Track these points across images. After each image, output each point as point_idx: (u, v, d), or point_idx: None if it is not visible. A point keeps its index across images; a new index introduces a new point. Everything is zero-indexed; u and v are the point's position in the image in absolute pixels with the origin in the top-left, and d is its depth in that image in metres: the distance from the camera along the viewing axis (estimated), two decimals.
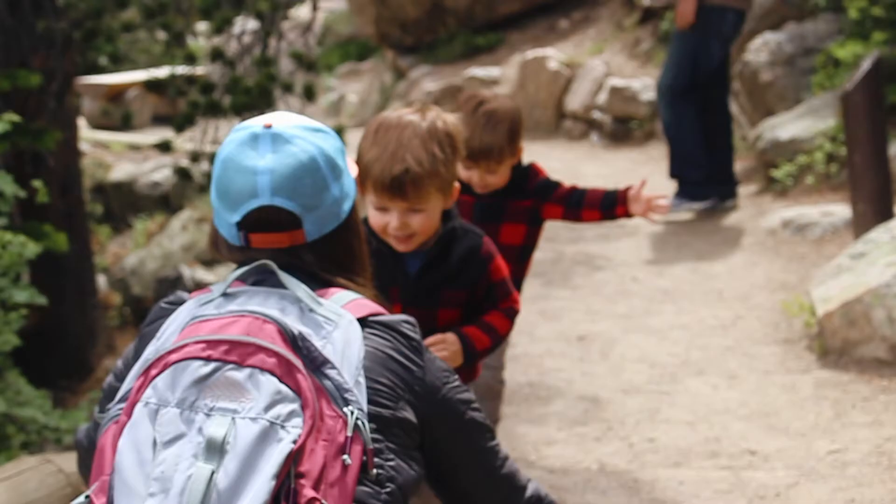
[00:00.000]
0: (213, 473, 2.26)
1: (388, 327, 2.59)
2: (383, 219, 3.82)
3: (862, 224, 7.73)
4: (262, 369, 2.36)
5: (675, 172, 9.97)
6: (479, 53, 16.21)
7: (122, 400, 2.50)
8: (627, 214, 5.01)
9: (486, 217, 4.87)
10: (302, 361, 2.39)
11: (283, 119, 2.66)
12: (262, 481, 2.25)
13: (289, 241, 2.63)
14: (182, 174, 10.34)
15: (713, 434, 5.77)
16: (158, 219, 13.59)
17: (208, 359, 2.38)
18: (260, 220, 2.61)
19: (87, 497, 2.40)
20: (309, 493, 2.28)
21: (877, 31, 9.60)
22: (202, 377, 2.36)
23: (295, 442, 2.29)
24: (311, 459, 2.31)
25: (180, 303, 2.63)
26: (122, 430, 2.38)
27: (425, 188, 3.76)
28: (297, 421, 2.32)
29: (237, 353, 2.38)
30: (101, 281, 12.11)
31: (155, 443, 2.33)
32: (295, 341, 2.41)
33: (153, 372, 2.41)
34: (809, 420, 5.83)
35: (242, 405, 2.32)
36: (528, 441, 5.92)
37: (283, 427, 2.30)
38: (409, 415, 2.54)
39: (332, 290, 2.62)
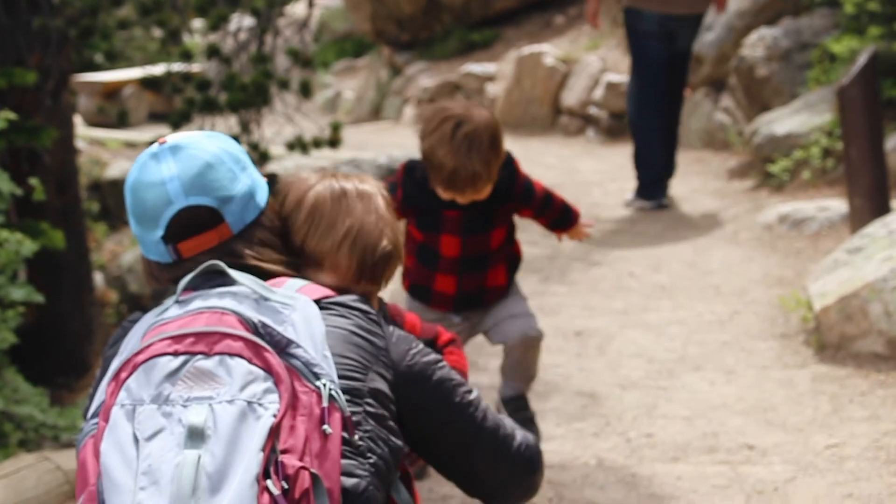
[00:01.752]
0: (199, 458, 2.29)
1: (344, 306, 2.64)
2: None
3: (858, 219, 7.73)
4: (231, 354, 2.40)
5: (635, 167, 10.15)
6: (474, 49, 16.23)
7: (94, 415, 2.51)
8: (560, 236, 5.31)
9: (476, 229, 4.93)
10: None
11: (177, 134, 2.73)
12: (250, 456, 2.29)
13: (217, 238, 2.66)
14: None
15: (711, 429, 5.77)
16: None
17: (175, 353, 2.41)
18: (182, 226, 2.65)
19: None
20: (296, 462, 2.32)
21: (873, 25, 9.60)
22: (173, 371, 2.39)
23: (275, 416, 2.34)
24: (294, 435, 2.36)
25: (138, 320, 2.64)
26: (102, 436, 2.39)
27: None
28: (273, 397, 2.36)
29: (203, 342, 2.42)
30: (98, 278, 12.10)
31: (136, 440, 2.35)
32: (256, 329, 2.45)
33: (123, 375, 2.43)
34: (807, 415, 5.83)
35: (217, 391, 2.36)
36: None
37: (260, 404, 2.35)
38: (380, 385, 2.58)
39: (282, 279, 2.66)
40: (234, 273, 2.57)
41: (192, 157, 2.66)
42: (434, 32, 16.84)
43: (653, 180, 10.03)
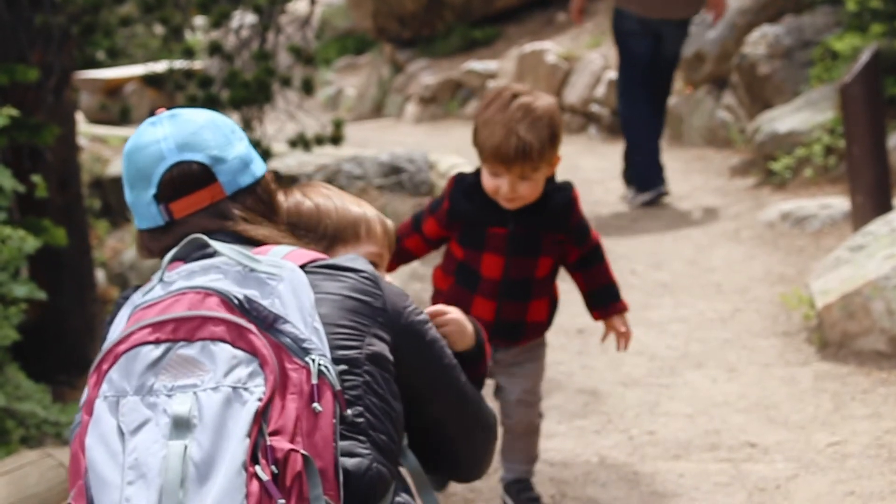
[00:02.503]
0: (185, 449, 2.27)
1: (335, 268, 2.59)
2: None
3: (860, 216, 7.74)
4: (213, 339, 2.37)
5: (627, 161, 10.35)
6: (476, 47, 16.22)
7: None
8: (596, 318, 4.87)
9: (521, 250, 4.58)
10: (254, 324, 2.40)
11: (187, 109, 2.77)
12: (236, 443, 2.26)
13: (210, 198, 2.65)
14: None
15: (713, 427, 5.77)
16: None
17: (157, 341, 2.38)
18: (174, 183, 2.64)
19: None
20: (286, 445, 2.29)
21: (875, 23, 9.60)
22: (155, 360, 2.37)
23: (260, 400, 2.30)
24: (284, 415, 2.32)
25: (130, 297, 2.62)
26: (86, 430, 2.38)
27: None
28: (259, 380, 2.33)
29: (184, 329, 2.39)
30: (100, 275, 12.11)
31: (122, 433, 2.33)
32: (242, 306, 2.42)
33: (104, 366, 2.41)
34: (809, 412, 5.84)
35: (201, 378, 2.33)
36: None
37: (245, 389, 2.32)
38: (379, 347, 2.54)
39: (268, 246, 2.62)
40: (217, 245, 2.53)
41: (187, 121, 2.68)
42: (436, 30, 16.84)
43: (649, 168, 10.14)
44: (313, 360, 2.38)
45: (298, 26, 11.12)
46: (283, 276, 2.48)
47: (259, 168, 2.74)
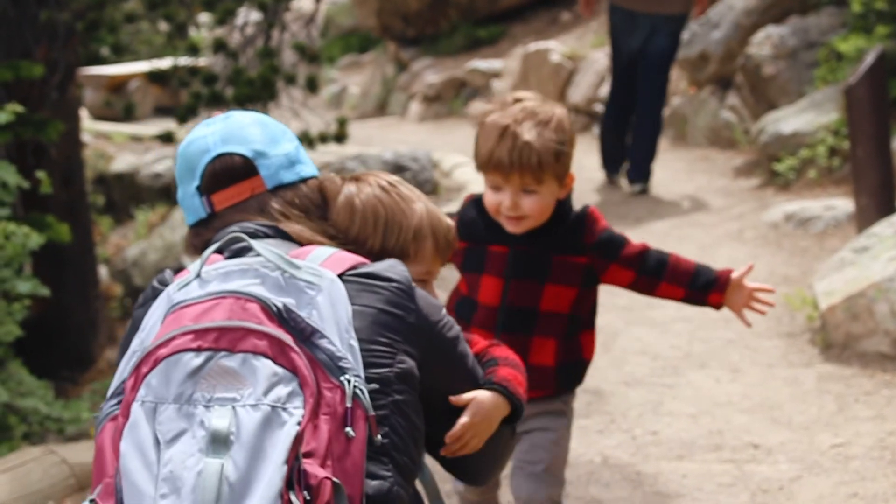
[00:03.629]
0: (222, 467, 2.24)
1: (372, 277, 2.54)
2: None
3: (865, 218, 7.73)
4: (255, 353, 2.33)
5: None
6: (481, 46, 16.23)
7: (114, 395, 2.47)
8: (720, 305, 4.08)
9: (523, 272, 3.93)
10: (292, 336, 2.36)
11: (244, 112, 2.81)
12: (273, 469, 2.23)
13: (249, 191, 2.67)
14: None
15: (716, 427, 5.77)
16: (160, 210, 13.59)
17: (199, 349, 2.35)
18: (216, 174, 2.67)
19: (91, 501, 2.38)
20: (319, 472, 2.26)
21: (880, 24, 9.59)
22: (195, 369, 2.33)
23: (299, 423, 2.27)
24: (317, 437, 2.30)
25: (166, 284, 2.58)
26: (122, 432, 2.35)
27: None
28: (298, 401, 2.30)
29: (227, 339, 2.35)
30: (103, 272, 12.12)
31: (157, 442, 2.30)
32: (281, 315, 2.38)
33: (144, 369, 2.37)
34: (812, 414, 5.83)
35: (241, 392, 2.30)
36: None
37: (284, 409, 2.28)
38: (409, 365, 2.51)
39: (308, 248, 2.58)
40: (257, 245, 2.49)
41: (235, 121, 2.75)
42: (440, 28, 16.85)
43: (608, 154, 10.81)
44: (348, 381, 2.35)
45: (303, 24, 11.15)
46: (322, 287, 2.44)
47: (308, 170, 2.76)
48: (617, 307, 7.59)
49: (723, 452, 5.50)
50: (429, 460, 2.77)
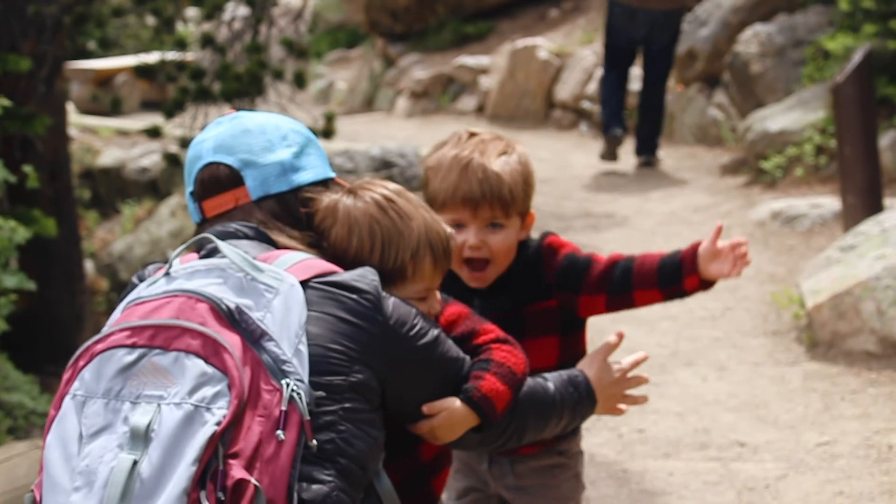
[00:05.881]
0: (135, 463, 2.25)
1: (338, 286, 2.53)
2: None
3: (851, 216, 7.74)
4: (188, 352, 2.35)
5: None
6: (468, 42, 16.22)
7: None
8: (701, 284, 3.50)
9: None
10: (241, 336, 2.38)
11: (255, 112, 2.79)
12: (183, 467, 2.25)
13: (234, 201, 2.67)
14: (172, 160, 10.33)
15: (702, 425, 5.78)
16: (146, 204, 13.57)
17: (133, 346, 2.37)
18: (205, 183, 2.69)
19: (31, 492, 2.41)
20: (238, 473, 2.27)
21: (867, 23, 9.60)
22: (127, 365, 2.35)
23: (219, 424, 2.28)
24: (246, 437, 2.30)
25: (143, 279, 2.61)
26: (50, 425, 2.38)
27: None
28: (223, 402, 2.30)
29: (162, 337, 2.37)
30: (89, 266, 12.09)
31: (81, 436, 2.32)
32: (231, 316, 2.40)
33: (81, 363, 2.40)
34: (798, 412, 5.84)
35: (168, 391, 2.31)
36: None
37: (208, 410, 2.29)
38: (366, 377, 2.49)
39: (278, 252, 2.58)
40: (223, 246, 2.51)
41: (237, 124, 2.74)
42: (428, 24, 16.83)
43: (609, 118, 11.24)
44: (287, 385, 2.36)
45: (291, 19, 11.12)
46: (280, 291, 2.46)
47: (305, 177, 2.73)
48: None
49: (709, 451, 5.50)
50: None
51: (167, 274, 2.53)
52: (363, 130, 14.34)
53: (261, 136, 2.71)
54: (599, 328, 7.16)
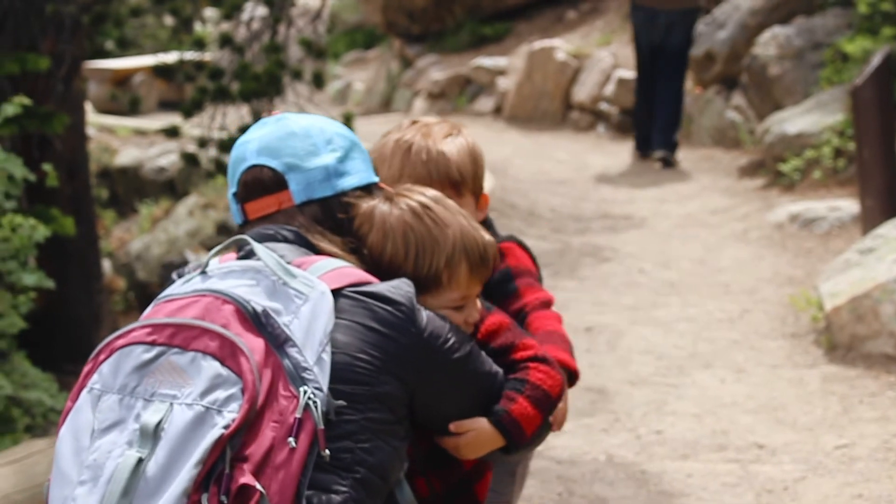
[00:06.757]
0: (141, 461, 2.26)
1: (371, 296, 2.52)
2: (459, 317, 2.77)
3: (870, 219, 7.73)
4: (205, 353, 2.35)
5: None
6: (486, 43, 16.22)
7: None
8: None
9: None
10: (265, 340, 2.37)
11: (299, 114, 2.77)
12: (187, 469, 2.25)
13: (276, 205, 2.65)
14: (190, 160, 10.34)
15: (721, 427, 5.77)
16: (164, 204, 13.59)
17: (153, 343, 2.38)
18: (248, 185, 2.67)
19: (48, 481, 2.41)
20: (244, 478, 2.26)
21: (886, 26, 9.59)
22: (145, 362, 2.36)
23: (227, 427, 2.27)
24: (258, 442, 2.30)
25: (182, 276, 2.62)
26: (66, 417, 2.39)
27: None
28: (234, 406, 2.30)
29: (182, 336, 2.37)
30: (106, 266, 12.11)
31: (94, 430, 2.33)
32: (258, 318, 2.39)
33: (101, 357, 2.42)
34: (817, 415, 5.83)
35: (182, 391, 2.32)
36: None
37: (218, 412, 2.29)
38: (392, 388, 2.48)
39: (315, 258, 2.57)
40: (259, 249, 2.51)
41: (282, 127, 2.72)
42: (446, 25, 16.83)
43: (639, 135, 11.86)
44: (304, 392, 2.35)
45: (309, 19, 11.12)
46: (309, 297, 2.45)
47: (349, 181, 2.71)
48: (622, 307, 7.60)
49: (727, 452, 5.49)
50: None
51: (203, 272, 2.54)
52: (380, 131, 14.21)
53: (306, 139, 2.69)
54: (617, 329, 7.19)
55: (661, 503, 5.12)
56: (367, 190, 2.75)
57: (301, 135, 2.69)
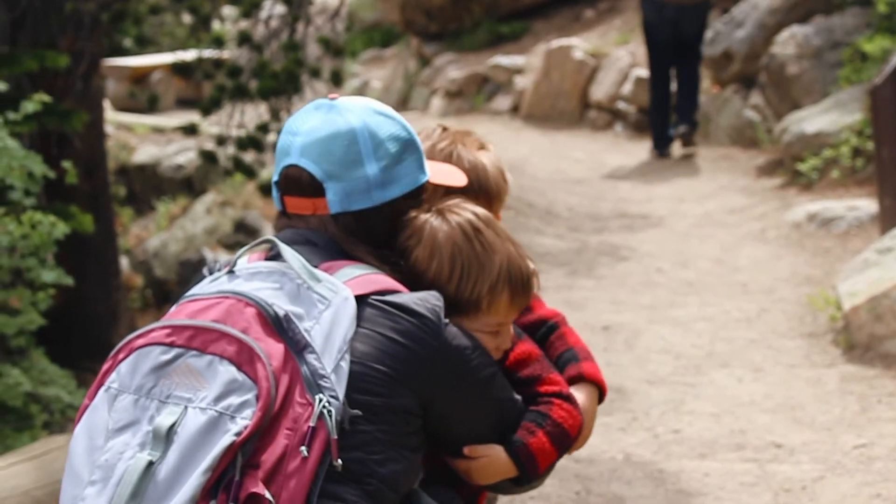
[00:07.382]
0: (151, 464, 2.25)
1: (396, 307, 2.48)
2: (493, 342, 2.73)
3: (889, 219, 7.71)
4: (223, 357, 2.33)
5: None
6: (503, 42, 16.21)
7: None
8: None
9: None
10: (285, 345, 2.35)
11: (355, 98, 2.67)
12: (196, 475, 2.23)
13: (312, 209, 2.59)
14: (208, 158, 10.36)
15: (738, 426, 5.76)
16: (181, 202, 13.62)
17: (171, 345, 2.36)
18: (288, 181, 2.62)
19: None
20: (253, 486, 2.25)
21: None
22: (162, 364, 2.35)
23: (239, 434, 2.25)
24: (271, 449, 2.28)
25: (212, 272, 2.62)
26: (82, 415, 2.38)
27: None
28: (248, 412, 2.28)
29: (200, 339, 2.36)
30: (124, 263, 12.14)
31: (108, 429, 2.33)
32: (279, 322, 2.37)
33: (120, 356, 2.41)
34: (835, 414, 5.82)
35: (197, 394, 2.30)
36: None
37: (231, 418, 2.27)
38: (407, 401, 2.45)
39: (343, 263, 2.54)
40: (286, 251, 2.48)
41: (330, 122, 2.60)
42: (463, 24, 16.83)
43: (655, 133, 11.95)
44: (320, 400, 2.32)
45: (328, 18, 11.14)
46: (332, 303, 2.42)
47: (391, 192, 2.61)
48: (639, 306, 7.59)
49: (745, 452, 5.49)
50: None
51: (231, 272, 2.52)
52: None
53: (351, 146, 2.57)
54: (634, 328, 7.18)
55: (678, 502, 5.12)
56: (415, 194, 2.67)
57: (347, 138, 2.57)
